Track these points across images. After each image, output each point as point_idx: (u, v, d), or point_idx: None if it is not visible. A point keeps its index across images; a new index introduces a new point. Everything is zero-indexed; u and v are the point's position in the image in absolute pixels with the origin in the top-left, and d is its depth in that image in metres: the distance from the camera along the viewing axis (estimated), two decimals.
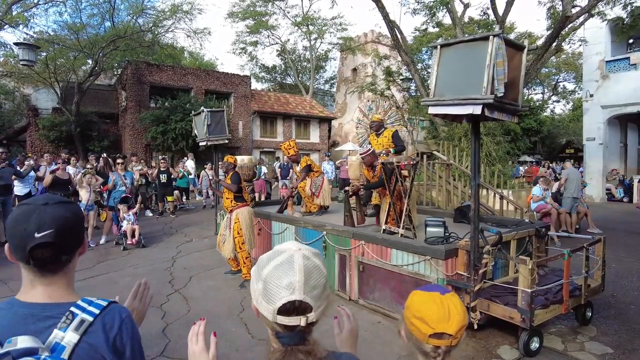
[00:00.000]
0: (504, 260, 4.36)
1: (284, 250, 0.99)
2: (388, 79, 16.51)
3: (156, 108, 18.87)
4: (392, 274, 4.30)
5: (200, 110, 8.00)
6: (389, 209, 4.95)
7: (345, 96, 27.93)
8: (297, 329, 0.94)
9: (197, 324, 1.14)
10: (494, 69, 3.01)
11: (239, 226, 5.39)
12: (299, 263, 0.95)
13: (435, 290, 1.14)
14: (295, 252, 0.97)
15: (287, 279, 0.93)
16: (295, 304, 0.92)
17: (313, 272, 0.95)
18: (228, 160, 5.69)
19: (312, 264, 0.96)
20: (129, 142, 18.76)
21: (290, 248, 0.99)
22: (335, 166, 16.30)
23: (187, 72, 20.58)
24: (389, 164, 4.81)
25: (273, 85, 34.84)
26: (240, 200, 5.48)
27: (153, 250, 7.41)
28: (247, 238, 5.43)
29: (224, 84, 21.49)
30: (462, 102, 3.17)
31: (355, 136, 12.24)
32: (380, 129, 6.19)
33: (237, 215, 5.43)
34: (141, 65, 19.05)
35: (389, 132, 6.12)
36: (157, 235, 8.70)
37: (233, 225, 5.42)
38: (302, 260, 0.95)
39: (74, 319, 0.98)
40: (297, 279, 0.93)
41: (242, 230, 5.39)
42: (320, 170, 7.08)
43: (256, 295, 0.97)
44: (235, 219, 5.42)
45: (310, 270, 0.95)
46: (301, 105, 25.02)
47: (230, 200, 5.46)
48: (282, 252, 0.99)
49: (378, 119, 6.27)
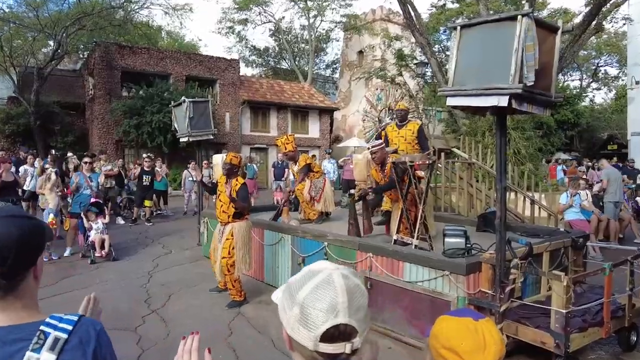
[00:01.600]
0: (535, 276, 4.37)
1: (320, 270, 1.00)
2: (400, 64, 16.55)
3: (129, 97, 18.93)
4: (405, 291, 4.32)
5: (181, 100, 8.03)
6: (401, 215, 4.97)
7: (349, 83, 27.98)
8: (341, 358, 0.95)
9: (189, 338, 1.15)
10: (523, 54, 3.03)
11: (231, 244, 5.23)
12: (340, 283, 0.96)
13: (467, 316, 1.14)
14: (333, 271, 0.99)
15: (328, 301, 0.94)
16: (340, 329, 0.93)
17: (355, 292, 0.97)
18: (232, 162, 5.33)
19: (352, 283, 0.98)
20: (98, 137, 18.81)
21: (327, 267, 1.01)
22: (338, 165, 16.33)
23: (165, 55, 20.66)
24: (400, 164, 4.83)
25: (265, 70, 34.90)
26: (239, 215, 5.32)
27: (126, 263, 7.42)
28: (240, 258, 5.24)
29: (208, 69, 21.54)
30: (485, 92, 3.19)
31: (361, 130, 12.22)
32: (405, 120, 6.23)
33: (232, 230, 5.27)
34: (111, 48, 19.11)
35: (414, 126, 6.15)
36: (131, 246, 8.72)
37: (224, 241, 5.28)
38: (342, 280, 0.97)
39: (47, 338, 1.01)
40: (341, 300, 0.94)
41: (235, 250, 5.22)
42: (320, 170, 7.10)
43: (291, 322, 0.97)
44: (228, 234, 5.27)
45: (353, 290, 0.96)
46: (298, 94, 25.07)
47: (227, 215, 5.28)
48: (317, 271, 1.00)
49: (404, 107, 6.32)
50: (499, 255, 3.67)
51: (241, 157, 5.63)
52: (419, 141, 6.02)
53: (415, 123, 6.33)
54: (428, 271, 4.13)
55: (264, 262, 6.25)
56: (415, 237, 4.69)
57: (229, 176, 5.36)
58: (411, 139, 6.03)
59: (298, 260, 5.56)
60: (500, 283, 3.67)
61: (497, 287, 3.70)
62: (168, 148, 18.16)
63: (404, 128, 6.13)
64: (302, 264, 5.47)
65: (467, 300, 3.82)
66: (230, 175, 5.35)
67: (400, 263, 4.37)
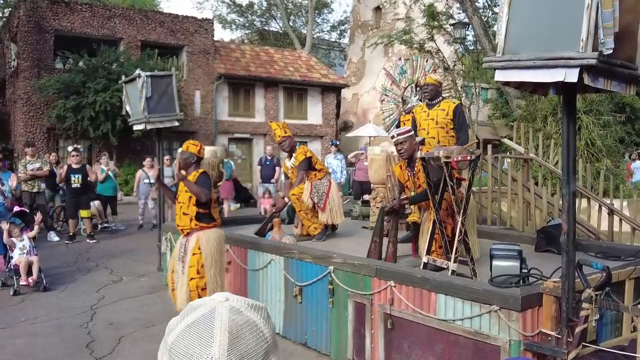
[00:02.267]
0: (614, 312, 4.37)
1: (202, 304, 0.98)
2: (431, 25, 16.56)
3: (65, 71, 18.99)
4: (439, 333, 4.31)
5: (135, 74, 8.05)
6: (433, 230, 4.97)
7: (362, 51, 28.03)
8: None
9: None
10: (599, 12, 3.03)
11: (199, 260, 5.29)
12: (222, 318, 0.93)
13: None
14: (218, 303, 0.97)
15: (199, 343, 0.92)
16: None
17: (244, 333, 0.94)
18: (189, 150, 5.53)
19: (243, 320, 0.95)
20: (22, 123, 18.90)
21: (213, 299, 0.98)
22: (348, 162, 16.34)
23: (113, 13, 20.77)
24: (432, 160, 4.84)
25: (249, 34, 35.01)
26: (206, 219, 5.38)
27: (61, 295, 7.42)
28: (212, 279, 5.33)
29: (171, 32, 21.62)
30: (547, 63, 3.19)
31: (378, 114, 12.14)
32: (436, 99, 6.23)
33: (197, 240, 5.34)
34: (41, 4, 19.19)
35: (449, 105, 6.15)
36: (67, 271, 8.73)
37: (190, 257, 5.34)
38: (228, 315, 0.94)
39: None
40: (218, 342, 0.91)
41: (205, 268, 5.29)
42: (325, 168, 7.11)
43: None
44: (194, 248, 5.33)
45: (240, 331, 0.93)
46: (293, 66, 25.15)
47: (189, 217, 5.35)
48: (198, 306, 0.98)
49: (434, 81, 6.30)
50: (566, 284, 3.66)
51: (202, 147, 5.71)
52: (455, 126, 6.02)
53: (450, 101, 6.33)
54: (470, 306, 4.13)
55: (248, 294, 6.24)
56: (452, 259, 4.68)
57: (186, 169, 5.48)
58: (444, 122, 6.03)
59: (294, 291, 5.56)
60: (568, 322, 3.67)
61: (563, 328, 3.69)
62: (117, 138, 18.20)
63: (436, 108, 6.14)
64: (299, 295, 5.47)
65: (523, 345, 3.81)
66: (187, 169, 5.47)
67: (432, 295, 4.36)
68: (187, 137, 20.72)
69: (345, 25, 34.91)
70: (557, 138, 10.58)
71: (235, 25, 35.52)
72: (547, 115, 11.96)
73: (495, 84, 17.90)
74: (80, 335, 5.86)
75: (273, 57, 25.25)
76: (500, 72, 3.42)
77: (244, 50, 25.40)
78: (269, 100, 23.71)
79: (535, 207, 8.15)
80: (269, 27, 35.20)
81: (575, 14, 3.10)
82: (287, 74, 24.22)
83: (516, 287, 4.08)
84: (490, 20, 17.00)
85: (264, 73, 23.55)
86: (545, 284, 3.93)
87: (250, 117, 23.35)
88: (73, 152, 11.71)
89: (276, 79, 23.68)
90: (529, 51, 3.29)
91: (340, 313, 5.09)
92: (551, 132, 11.43)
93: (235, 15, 35.15)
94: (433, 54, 16.54)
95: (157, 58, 20.29)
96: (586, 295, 3.77)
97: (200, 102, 21.96)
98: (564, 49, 3.14)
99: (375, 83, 23.90)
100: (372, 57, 26.18)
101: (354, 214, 8.88)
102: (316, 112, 25.02)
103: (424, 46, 16.60)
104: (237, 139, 23.07)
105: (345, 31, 35.19)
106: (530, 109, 12.69)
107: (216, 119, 22.44)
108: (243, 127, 23.01)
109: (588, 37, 3.05)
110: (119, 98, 15.50)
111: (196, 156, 5.50)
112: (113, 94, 17.15)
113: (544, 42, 3.24)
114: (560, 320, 3.73)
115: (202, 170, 5.47)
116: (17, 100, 19.12)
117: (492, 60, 3.46)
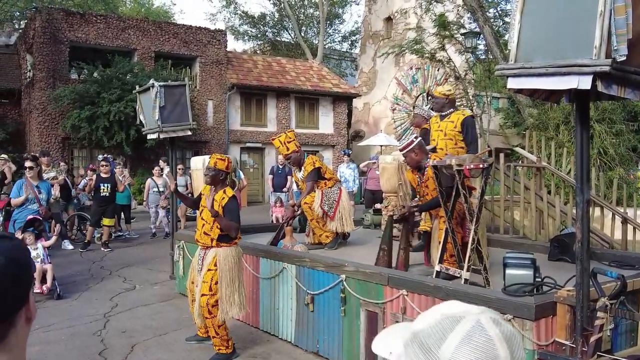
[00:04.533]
0: (629, 321, 4.32)
1: (462, 316, 1.00)
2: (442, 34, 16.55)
3: (80, 81, 19.17)
4: None
5: (149, 84, 8.11)
6: (445, 239, 4.94)
7: (374, 61, 28.06)
8: None
9: None
10: (612, 19, 3.01)
11: (214, 277, 5.20)
12: (495, 332, 0.96)
13: None
14: (479, 315, 0.99)
15: (486, 355, 0.94)
16: None
17: (514, 343, 0.98)
18: (217, 166, 5.26)
19: (508, 331, 0.99)
20: (38, 133, 19.08)
21: (469, 311, 1.01)
22: (360, 171, 16.33)
23: (127, 25, 20.96)
24: (444, 168, 4.82)
25: (261, 45, 35.21)
26: (227, 239, 5.29)
27: (74, 303, 7.46)
28: (226, 297, 5.20)
29: (185, 43, 21.78)
30: (560, 70, 3.17)
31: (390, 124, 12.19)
32: (445, 110, 6.21)
33: (215, 258, 5.24)
34: (56, 15, 19.44)
35: (458, 117, 6.14)
36: (81, 279, 8.78)
37: (204, 272, 5.25)
38: (496, 328, 0.97)
39: None
40: (502, 354, 0.95)
41: (218, 285, 5.18)
42: (335, 176, 7.11)
43: None
44: (210, 264, 5.24)
45: (511, 340, 0.97)
46: (305, 76, 25.24)
47: (210, 238, 5.27)
48: (459, 317, 1.00)
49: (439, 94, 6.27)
50: (580, 293, 3.63)
51: (230, 159, 5.55)
52: (464, 137, 6.00)
53: (460, 113, 6.31)
54: None
55: (259, 302, 6.25)
56: (465, 268, 4.66)
57: (215, 186, 5.34)
58: (452, 133, 6.01)
59: (305, 299, 5.55)
60: (582, 331, 3.63)
61: (577, 337, 3.65)
62: (131, 148, 18.34)
63: (446, 120, 6.12)
64: (310, 304, 5.46)
65: (537, 354, 3.78)
66: (216, 185, 5.33)
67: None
68: (200, 146, 20.90)
69: (357, 35, 35.01)
70: (569, 146, 10.54)
71: (248, 36, 35.77)
72: (559, 123, 11.91)
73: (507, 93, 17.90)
74: (93, 343, 5.88)
75: (285, 68, 25.35)
76: (513, 80, 3.41)
77: (256, 60, 25.51)
78: (280, 110, 23.78)
79: (549, 216, 8.11)
80: (281, 38, 35.40)
81: (587, 21, 3.09)
82: (298, 83, 24.28)
83: (530, 296, 4.06)
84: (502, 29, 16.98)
85: (275, 83, 23.63)
86: (559, 293, 3.90)
87: (262, 126, 23.42)
88: (103, 162, 11.85)
89: (288, 89, 23.75)
90: (541, 58, 3.27)
91: (352, 322, 5.06)
92: (564, 140, 11.37)
93: (247, 27, 35.41)
94: (444, 63, 16.52)
95: (171, 68, 20.44)
96: (601, 304, 3.73)
97: (213, 111, 22.07)
98: (577, 56, 3.12)
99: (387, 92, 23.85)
100: (383, 66, 26.19)
101: (365, 223, 8.86)
102: (328, 122, 25.05)
103: (435, 55, 16.56)
104: (249, 148, 23.15)
105: (356, 41, 35.29)
106: (542, 118, 12.64)
107: (228, 129, 22.53)
108: (255, 136, 23.09)
109: (601, 44, 3.03)
110: (132, 108, 15.63)
111: (224, 172, 5.34)
112: (127, 104, 17.28)
113: (557, 49, 3.22)
114: (574, 330, 3.70)
115: (233, 195, 5.29)
116: (33, 110, 19.31)
117: (505, 68, 3.45)
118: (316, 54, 29.27)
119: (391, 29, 27.51)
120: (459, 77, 16.47)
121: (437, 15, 17.06)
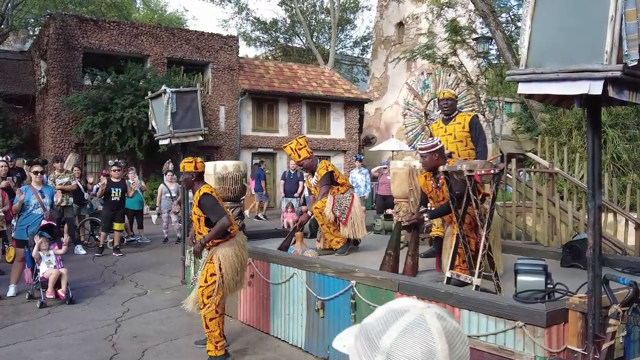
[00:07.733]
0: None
1: (407, 309, 1.04)
2: (454, 39, 16.55)
3: (93, 87, 19.35)
4: None
5: (161, 90, 8.17)
6: (456, 245, 4.92)
7: (385, 66, 28.08)
8: None
9: None
10: (623, 24, 3.00)
11: (212, 269, 5.28)
12: (436, 325, 1.00)
13: None
14: (423, 310, 1.03)
15: (423, 348, 0.97)
16: None
17: (455, 338, 1.00)
18: (185, 169, 5.39)
19: (451, 326, 1.02)
20: (51, 139, 19.28)
21: (415, 305, 1.05)
22: (371, 176, 16.33)
23: (140, 31, 21.14)
24: (455, 173, 4.80)
25: (273, 50, 35.35)
26: (222, 235, 5.36)
27: (86, 307, 7.50)
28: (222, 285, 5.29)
29: (197, 49, 21.93)
30: (571, 75, 3.15)
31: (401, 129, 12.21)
32: (453, 113, 6.19)
33: (212, 255, 5.37)
34: (70, 22, 19.66)
35: (464, 118, 6.11)
36: (93, 284, 8.83)
37: (204, 266, 5.39)
38: (437, 322, 1.00)
39: None
40: (439, 347, 0.97)
41: (214, 277, 5.25)
42: (347, 182, 7.11)
43: None
44: (209, 259, 5.38)
45: (452, 336, 1.00)
46: (317, 81, 25.29)
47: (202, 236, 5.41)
48: (403, 311, 1.03)
49: (450, 96, 6.27)
50: (593, 300, 3.60)
51: (199, 160, 5.57)
52: (472, 137, 5.97)
53: (466, 114, 6.29)
54: (494, 321, 4.07)
55: (270, 307, 6.25)
56: (476, 274, 4.63)
57: (191, 189, 5.47)
58: (462, 135, 5.99)
59: (316, 305, 5.54)
60: (595, 338, 3.60)
61: (589, 344, 3.63)
62: (143, 153, 18.47)
63: (452, 123, 6.10)
64: (321, 310, 5.45)
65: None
66: (192, 188, 5.46)
67: (455, 310, 4.31)
68: (211, 151, 20.99)
69: (368, 41, 35.04)
70: (582, 152, 10.47)
71: (260, 42, 35.92)
72: (571, 129, 11.85)
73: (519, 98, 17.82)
74: (104, 347, 5.91)
75: (296, 73, 25.43)
76: (524, 85, 3.40)
77: (268, 66, 25.62)
78: (292, 115, 23.84)
79: (561, 222, 8.05)
80: (293, 44, 35.50)
81: (598, 26, 3.08)
82: (310, 89, 24.33)
83: (541, 303, 4.02)
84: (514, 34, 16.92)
85: (287, 88, 23.71)
86: (571, 300, 3.87)
87: (274, 132, 23.48)
88: (114, 167, 11.97)
89: (299, 94, 23.81)
90: (552, 64, 3.26)
91: None
92: (576, 145, 11.31)
93: (259, 33, 35.55)
94: (456, 68, 16.50)
95: (183, 74, 20.56)
96: (613, 311, 3.69)
97: (225, 117, 22.17)
98: (588, 61, 3.11)
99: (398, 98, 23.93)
100: (395, 72, 26.21)
101: (376, 228, 8.84)
102: (339, 127, 25.06)
103: (447, 60, 16.57)
104: (261, 153, 23.20)
105: (368, 47, 35.32)
106: (554, 123, 12.58)
107: (240, 134, 22.62)
108: (267, 141, 23.15)
109: (612, 49, 3.02)
110: (145, 114, 15.74)
111: (195, 172, 5.42)
112: (140, 110, 17.40)
113: (568, 54, 3.21)
114: (586, 337, 3.67)
115: (204, 192, 5.30)
116: (47, 116, 19.52)
117: (516, 74, 3.44)
118: (328, 60, 29.32)
119: (403, 35, 27.51)
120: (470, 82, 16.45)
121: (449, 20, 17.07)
